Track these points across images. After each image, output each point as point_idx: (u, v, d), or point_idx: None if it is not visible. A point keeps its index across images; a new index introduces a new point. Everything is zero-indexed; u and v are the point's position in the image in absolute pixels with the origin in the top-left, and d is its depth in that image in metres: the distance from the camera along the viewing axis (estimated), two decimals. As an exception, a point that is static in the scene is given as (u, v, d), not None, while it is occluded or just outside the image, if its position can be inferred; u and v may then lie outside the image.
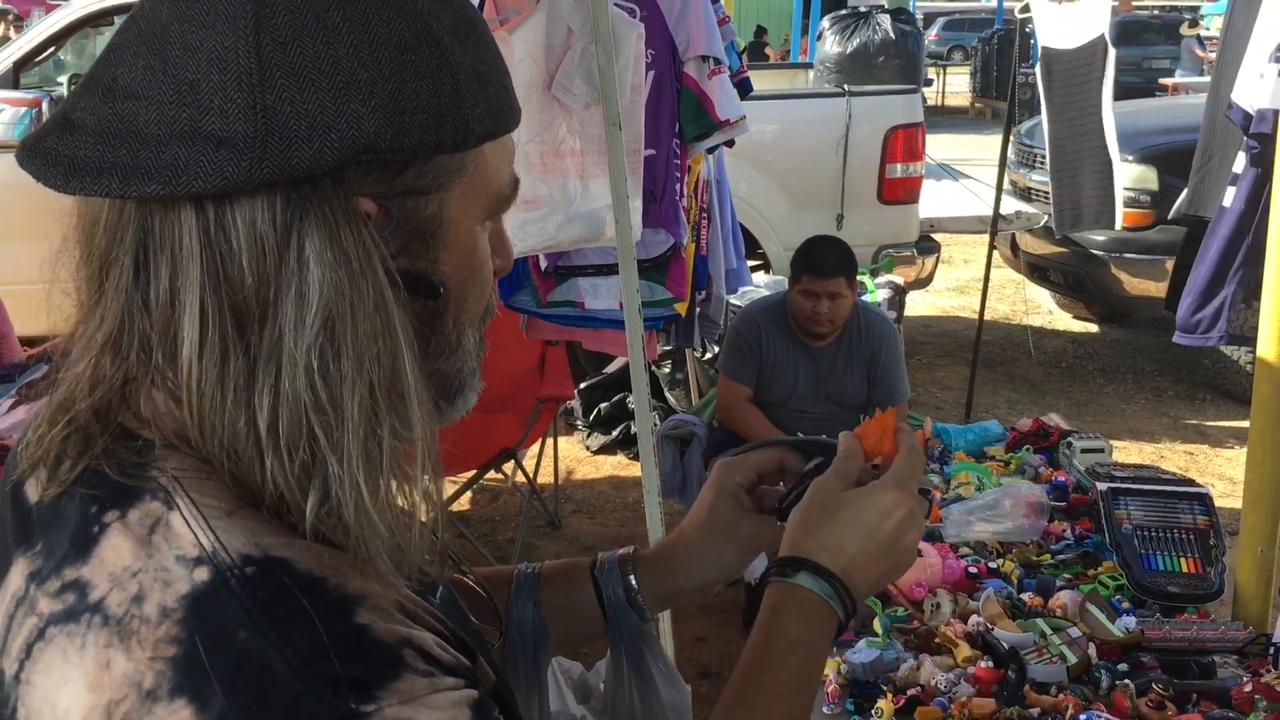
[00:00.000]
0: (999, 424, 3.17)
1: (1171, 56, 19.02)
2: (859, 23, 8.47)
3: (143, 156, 0.66)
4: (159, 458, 0.70)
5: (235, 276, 0.67)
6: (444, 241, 0.75)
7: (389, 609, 0.68)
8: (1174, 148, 5.90)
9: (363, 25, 0.69)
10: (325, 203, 0.68)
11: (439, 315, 0.77)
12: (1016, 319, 7.54)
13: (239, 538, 0.66)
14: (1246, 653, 2.04)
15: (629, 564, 1.09)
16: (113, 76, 0.69)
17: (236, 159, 0.65)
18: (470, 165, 0.75)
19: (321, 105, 0.66)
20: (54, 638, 0.66)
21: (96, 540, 0.68)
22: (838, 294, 3.68)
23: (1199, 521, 2.32)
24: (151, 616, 0.64)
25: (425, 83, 0.70)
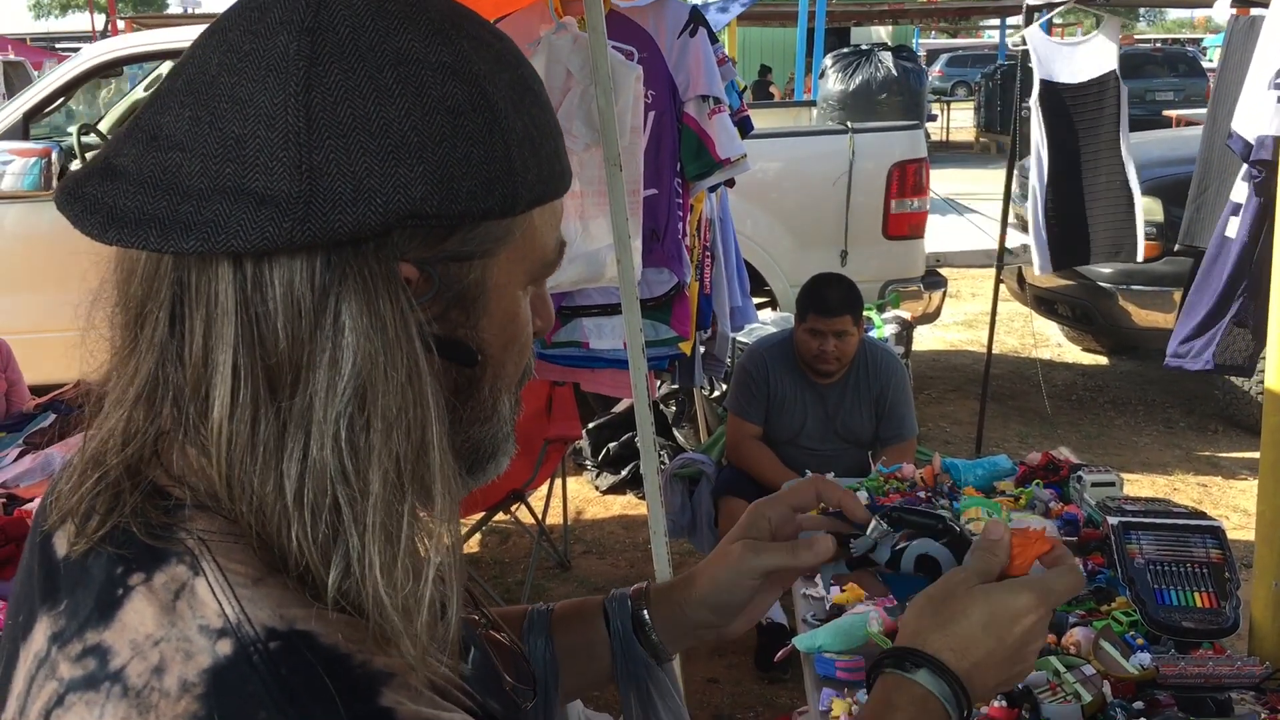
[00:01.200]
0: (1008, 458, 3.15)
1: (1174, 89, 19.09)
2: (861, 60, 8.53)
3: (183, 210, 0.65)
4: (188, 518, 0.68)
5: (269, 337, 0.66)
6: (485, 308, 0.73)
7: (417, 687, 0.66)
8: (1179, 179, 5.89)
9: (416, 88, 0.67)
10: (365, 267, 0.66)
11: (475, 382, 0.75)
12: (1025, 352, 7.52)
13: (264, 609, 0.64)
14: (1263, 688, 2.01)
15: (642, 598, 1.06)
16: (158, 124, 0.68)
17: (279, 219, 0.64)
18: (517, 231, 0.73)
19: (369, 168, 0.65)
20: (73, 705, 0.64)
21: (120, 604, 0.66)
22: (844, 332, 3.68)
23: (1212, 555, 2.29)
24: (171, 690, 0.62)
25: (476, 148, 0.68)
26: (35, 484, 3.04)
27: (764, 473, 3.76)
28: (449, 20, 0.71)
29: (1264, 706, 1.95)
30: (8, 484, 3.16)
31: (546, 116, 0.74)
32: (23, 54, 16.38)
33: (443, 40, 0.69)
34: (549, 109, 0.76)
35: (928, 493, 2.98)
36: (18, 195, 5.32)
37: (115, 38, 6.16)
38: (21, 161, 5.31)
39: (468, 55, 0.69)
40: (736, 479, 3.87)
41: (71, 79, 5.67)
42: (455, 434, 0.75)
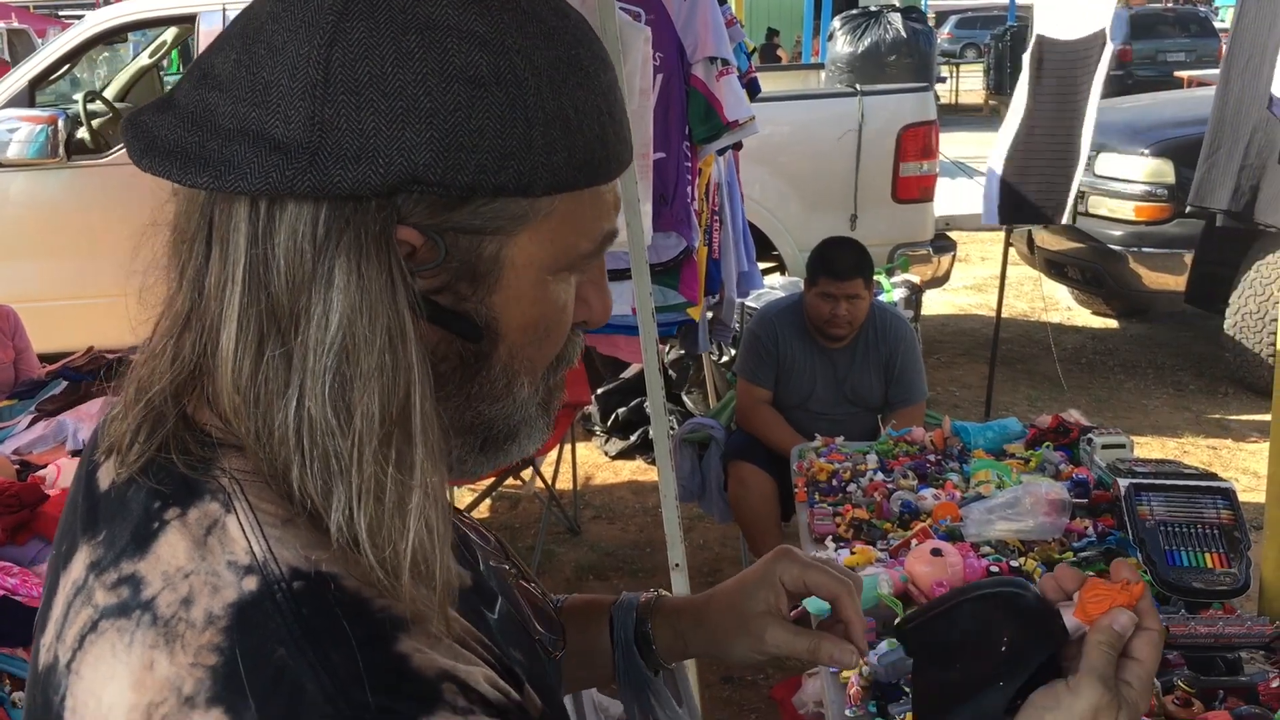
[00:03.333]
0: (1018, 421, 3.14)
1: (1186, 50, 18.92)
2: (870, 22, 8.46)
3: (209, 147, 0.67)
4: (225, 456, 0.70)
5: (274, 281, 0.67)
6: (499, 285, 0.72)
7: (438, 634, 0.67)
8: (1190, 140, 5.86)
9: (438, 54, 0.66)
10: (364, 226, 0.67)
11: (484, 358, 0.74)
12: (1035, 316, 7.50)
13: (291, 549, 0.66)
14: (1273, 648, 2.01)
15: (648, 610, 1.05)
16: (211, 64, 0.70)
17: (284, 166, 0.65)
18: (539, 213, 0.71)
19: (376, 127, 0.65)
20: (105, 631, 0.67)
21: (155, 536, 0.68)
22: (855, 296, 3.66)
23: (1223, 516, 2.30)
24: (197, 621, 0.64)
25: (491, 122, 0.67)
26: (48, 450, 3.06)
27: (773, 437, 3.76)
28: None
29: (1273, 665, 1.95)
30: (20, 451, 3.17)
31: (596, 100, 0.72)
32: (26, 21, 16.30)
33: (481, 10, 0.68)
34: (604, 93, 0.73)
35: (937, 455, 2.98)
36: (24, 163, 5.31)
37: (118, 4, 6.12)
38: (28, 128, 5.30)
39: (505, 28, 0.68)
40: (746, 444, 3.87)
41: (75, 46, 5.65)
42: (463, 408, 0.75)
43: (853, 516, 2.62)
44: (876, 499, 2.70)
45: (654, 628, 1.04)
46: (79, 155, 5.48)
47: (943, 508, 2.58)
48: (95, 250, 5.42)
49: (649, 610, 1.05)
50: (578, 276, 0.78)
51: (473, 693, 0.66)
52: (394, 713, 0.62)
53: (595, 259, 0.78)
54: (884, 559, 2.39)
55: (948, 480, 2.79)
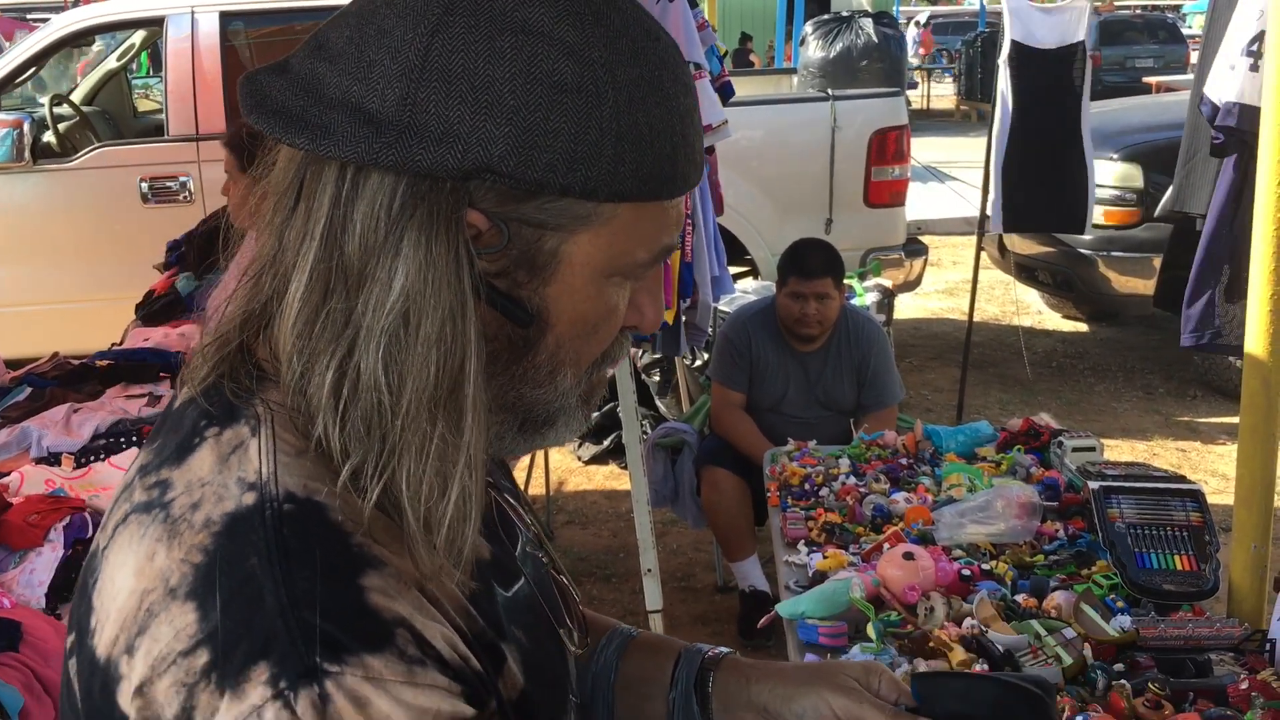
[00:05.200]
0: (989, 425, 3.15)
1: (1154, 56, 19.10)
2: (842, 27, 8.48)
3: (311, 112, 0.73)
4: (266, 388, 0.77)
5: (347, 243, 0.73)
6: (553, 277, 0.77)
7: (403, 584, 0.71)
8: (1157, 145, 5.91)
9: (528, 57, 0.72)
10: (436, 205, 0.72)
11: (531, 345, 0.79)
12: (1006, 320, 7.54)
13: (294, 476, 0.73)
14: (1242, 650, 2.02)
15: (713, 663, 1.03)
16: (327, 37, 0.77)
17: (373, 138, 0.71)
18: (601, 218, 0.76)
19: (460, 116, 0.71)
20: (130, 524, 0.75)
21: (193, 449, 0.76)
22: (825, 295, 3.67)
23: (1192, 518, 2.31)
24: (196, 523, 0.71)
25: (567, 125, 0.72)
26: (10, 458, 3.01)
27: (744, 442, 3.76)
28: (593, 7, 0.75)
29: (1243, 667, 1.96)
30: (-15, 458, 3.12)
31: (670, 121, 0.76)
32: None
33: (574, 22, 0.73)
34: (680, 116, 0.77)
35: (909, 459, 2.98)
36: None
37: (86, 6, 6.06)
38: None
39: (594, 42, 0.73)
40: (719, 448, 3.87)
41: (42, 49, 5.58)
42: (507, 388, 0.81)
43: (825, 520, 2.62)
44: (849, 503, 2.70)
45: (716, 678, 1.02)
46: (45, 159, 5.42)
47: (914, 511, 2.58)
48: (60, 255, 5.36)
49: (713, 663, 1.04)
50: (633, 283, 0.82)
51: (428, 646, 0.70)
52: (338, 644, 0.67)
53: (650, 269, 0.82)
54: (856, 563, 2.39)
55: (920, 484, 2.79)
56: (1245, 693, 1.76)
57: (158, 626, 0.69)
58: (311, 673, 0.66)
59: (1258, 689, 1.74)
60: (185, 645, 0.68)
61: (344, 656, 0.66)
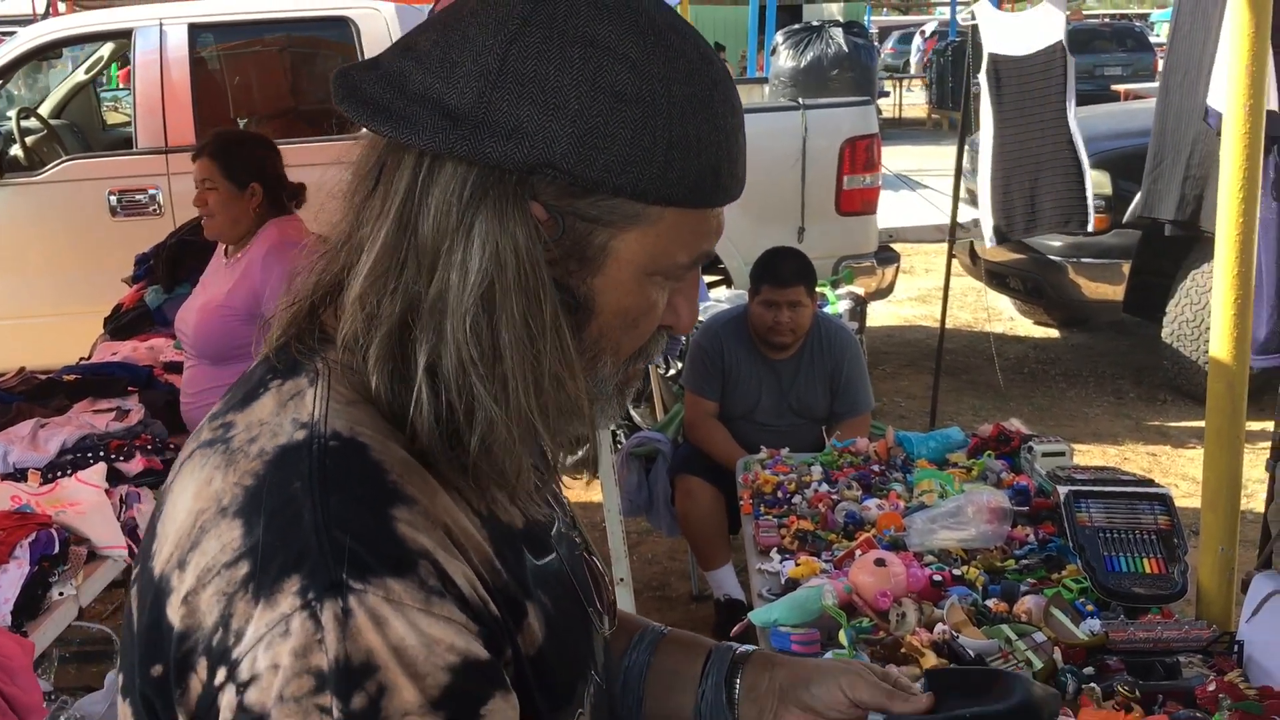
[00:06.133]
0: (960, 431, 3.17)
1: (1123, 64, 19.28)
2: (812, 36, 8.52)
3: (396, 104, 0.80)
4: (328, 348, 0.85)
5: (422, 225, 0.80)
6: (602, 269, 0.84)
7: (431, 523, 0.78)
8: (1125, 152, 5.96)
9: (595, 68, 0.79)
10: (504, 194, 0.79)
11: (577, 329, 0.85)
12: (978, 326, 7.58)
13: (341, 419, 0.81)
14: (1211, 651, 2.04)
15: (741, 661, 1.11)
16: (415, 39, 0.85)
17: (450, 130, 0.79)
18: (648, 218, 0.83)
19: (529, 115, 0.78)
20: (194, 457, 0.84)
21: (257, 396, 0.85)
22: (798, 303, 3.68)
23: (1160, 522, 2.32)
24: (252, 453, 0.80)
25: (624, 131, 0.79)
26: (-23, 474, 2.97)
27: (718, 450, 3.76)
28: (655, 28, 0.82)
29: (1211, 669, 1.97)
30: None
31: (717, 137, 0.83)
32: (-40, 37, 15.96)
33: (638, 39, 0.81)
34: (727, 133, 0.84)
35: (881, 466, 2.99)
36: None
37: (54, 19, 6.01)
38: (-41, 146, 5.19)
39: (654, 59, 0.81)
40: (693, 457, 3.87)
41: (9, 62, 5.53)
42: None
43: (797, 528, 2.62)
44: (821, 510, 2.71)
45: (745, 671, 1.10)
46: (12, 173, 5.38)
47: (886, 518, 2.59)
48: (28, 269, 5.31)
49: (743, 659, 1.11)
50: (671, 284, 0.89)
51: (449, 581, 0.76)
52: (364, 564, 0.73)
53: (689, 271, 0.89)
54: (828, 570, 2.39)
55: (891, 490, 2.80)
56: (1213, 694, 1.77)
57: (207, 541, 0.77)
58: (337, 587, 0.72)
59: (1225, 690, 1.76)
60: (229, 557, 0.75)
61: (368, 576, 0.73)
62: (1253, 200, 2.09)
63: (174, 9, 5.58)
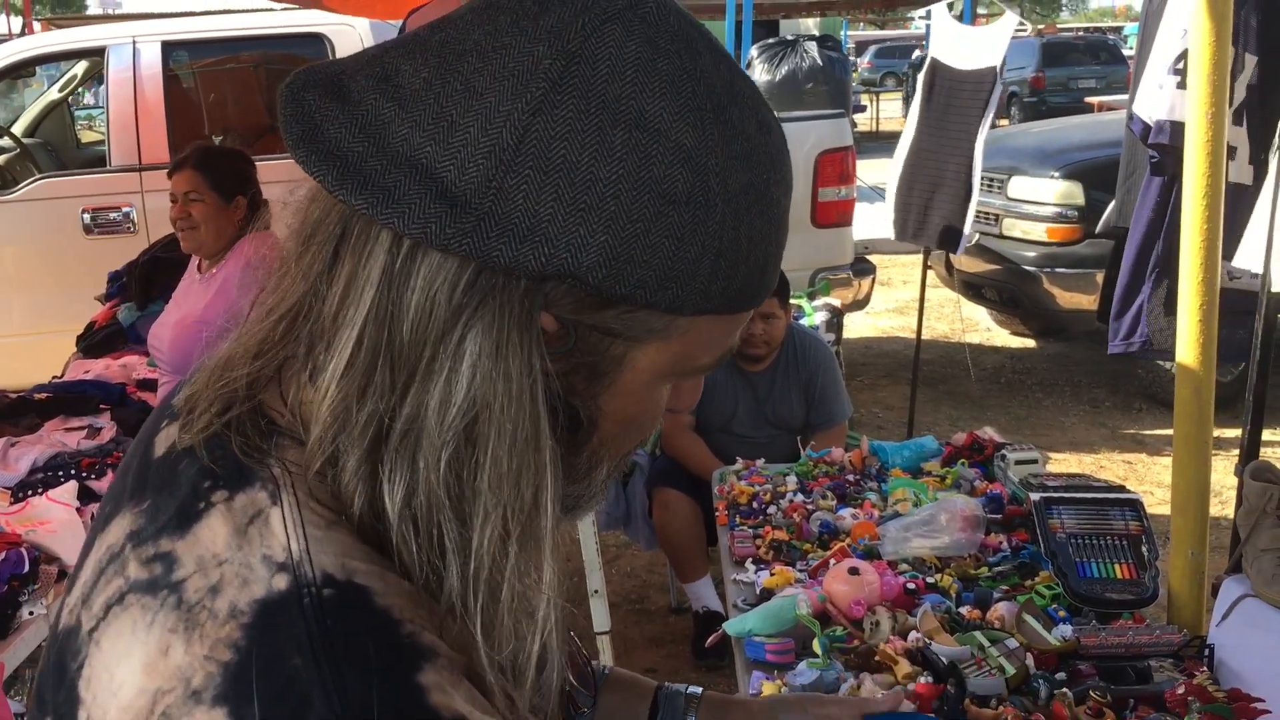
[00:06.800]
0: (934, 439, 3.18)
1: (1096, 76, 19.48)
2: (786, 50, 8.58)
3: (371, 165, 0.63)
4: (283, 447, 0.68)
5: (397, 326, 0.65)
6: (613, 386, 0.71)
7: (456, 675, 0.64)
8: (1097, 163, 6.02)
9: (640, 159, 0.63)
10: (508, 304, 0.64)
11: (577, 446, 0.73)
12: (955, 337, 7.62)
13: (329, 554, 0.64)
14: (1182, 655, 2.05)
15: (694, 702, 1.08)
16: (397, 69, 0.66)
17: (445, 219, 0.62)
18: (677, 331, 0.69)
19: (553, 214, 0.62)
20: (130, 606, 0.65)
21: (198, 517, 0.66)
22: (771, 315, 3.69)
23: (1131, 527, 2.34)
24: (220, 613, 0.62)
25: (668, 242, 0.64)
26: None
27: (695, 463, 3.77)
28: (715, 101, 0.66)
29: (1182, 673, 1.98)
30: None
31: (769, 230, 0.70)
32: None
33: (695, 120, 0.65)
34: (778, 222, 0.71)
35: (855, 475, 3.00)
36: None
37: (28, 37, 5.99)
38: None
39: (712, 145, 0.65)
40: (670, 470, 3.87)
41: (-19, 79, 5.52)
42: None
43: (772, 538, 2.63)
44: (796, 520, 2.71)
45: (700, 714, 1.07)
46: (-15, 191, 5.35)
47: (861, 527, 2.60)
48: (1, 288, 5.28)
49: (694, 701, 1.07)
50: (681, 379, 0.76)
51: None
52: None
53: (707, 371, 0.76)
54: (803, 579, 2.39)
55: (866, 499, 2.81)
56: (1182, 697, 1.78)
57: None
58: None
59: (1194, 693, 1.77)
60: None
61: None
62: (1216, 208, 2.11)
63: (148, 27, 5.58)
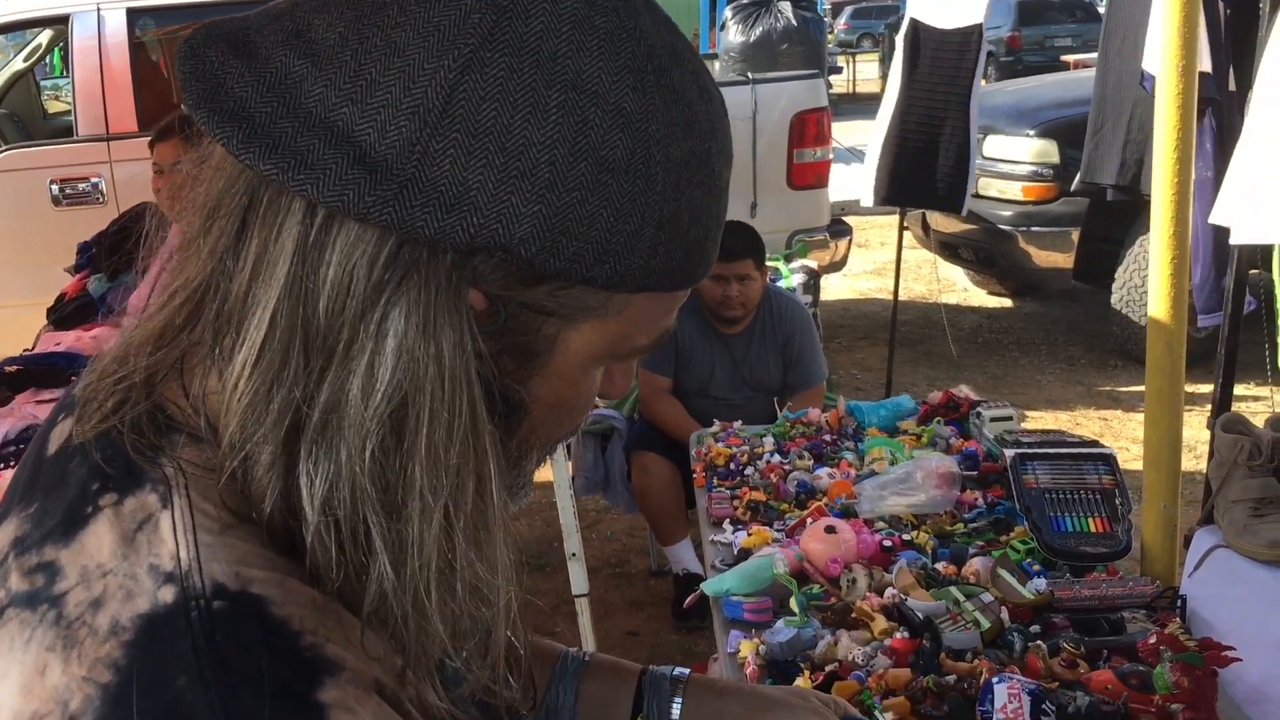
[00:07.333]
0: (910, 398, 3.19)
1: (1072, 34, 19.44)
2: (760, 11, 8.51)
3: (281, 127, 0.58)
4: (180, 445, 0.63)
5: (313, 305, 0.59)
6: (545, 367, 0.67)
7: (363, 689, 0.59)
8: (1072, 120, 6.01)
9: (577, 123, 0.59)
10: (434, 280, 0.59)
11: (508, 433, 0.68)
12: (933, 298, 7.63)
13: (221, 561, 0.59)
14: (1154, 607, 2.07)
15: (680, 685, 1.02)
16: (309, 23, 0.61)
17: (364, 186, 0.57)
18: (613, 310, 0.65)
19: (482, 182, 0.58)
20: (9, 621, 0.60)
21: (85, 523, 0.61)
22: (746, 276, 3.69)
23: (1104, 481, 2.35)
24: (101, 629, 0.57)
25: (606, 213, 0.60)
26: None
27: (673, 426, 3.77)
28: (656, 63, 0.62)
29: (1155, 624, 2.00)
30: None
31: (710, 203, 0.66)
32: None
33: (635, 83, 0.61)
34: (719, 195, 0.67)
35: (832, 435, 3.01)
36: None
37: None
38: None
39: (653, 110, 0.61)
40: (648, 433, 3.87)
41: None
42: None
43: (750, 499, 2.63)
44: (773, 480, 2.72)
45: (686, 698, 1.01)
46: (-51, 163, 5.27)
47: (837, 486, 2.60)
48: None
49: (680, 684, 1.02)
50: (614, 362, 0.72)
51: None
52: None
53: (645, 353, 0.72)
54: (780, 539, 2.40)
55: (843, 459, 2.82)
56: (1154, 646, 1.80)
57: None
58: None
59: (1165, 643, 1.78)
60: None
61: None
62: (1187, 162, 2.11)
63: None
